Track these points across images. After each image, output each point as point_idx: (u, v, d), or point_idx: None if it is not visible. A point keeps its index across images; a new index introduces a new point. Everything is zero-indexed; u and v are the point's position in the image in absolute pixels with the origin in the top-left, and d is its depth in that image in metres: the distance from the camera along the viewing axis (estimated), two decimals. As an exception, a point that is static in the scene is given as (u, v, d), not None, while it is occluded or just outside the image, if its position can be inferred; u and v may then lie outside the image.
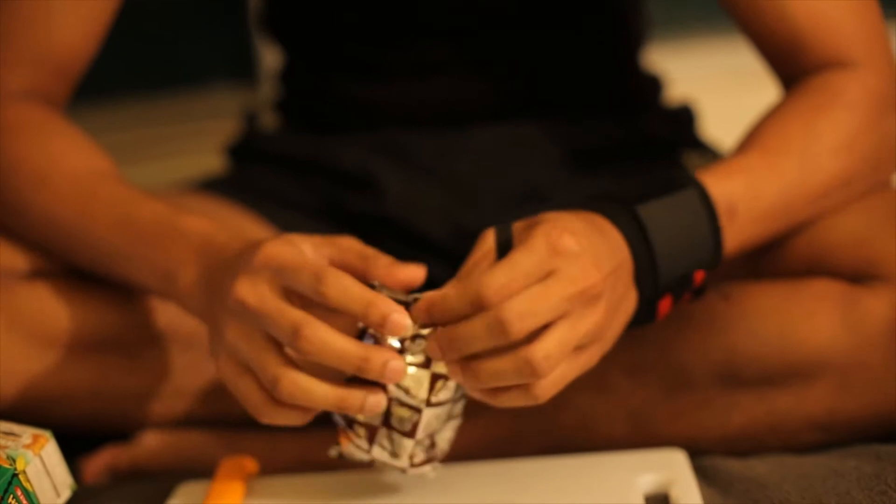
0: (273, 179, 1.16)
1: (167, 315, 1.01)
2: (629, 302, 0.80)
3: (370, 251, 0.83)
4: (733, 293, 0.92)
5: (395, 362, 0.75)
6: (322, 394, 0.76)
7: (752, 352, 0.89)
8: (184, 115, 1.82)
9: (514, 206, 1.09)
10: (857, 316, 0.88)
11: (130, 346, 1.00)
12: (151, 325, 1.01)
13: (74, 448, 1.01)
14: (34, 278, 0.98)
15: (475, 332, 0.73)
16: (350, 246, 0.84)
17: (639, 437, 0.93)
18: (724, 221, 0.85)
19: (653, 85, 1.20)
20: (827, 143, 0.91)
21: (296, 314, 0.76)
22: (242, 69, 1.84)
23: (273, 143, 1.19)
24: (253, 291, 0.77)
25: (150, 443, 1.05)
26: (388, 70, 1.14)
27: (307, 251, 0.82)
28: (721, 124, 1.25)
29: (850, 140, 0.92)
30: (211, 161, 1.36)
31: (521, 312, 0.72)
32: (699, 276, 0.85)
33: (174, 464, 1.03)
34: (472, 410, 0.87)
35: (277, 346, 0.78)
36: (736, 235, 0.87)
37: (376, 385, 0.77)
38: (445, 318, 0.74)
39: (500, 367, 0.73)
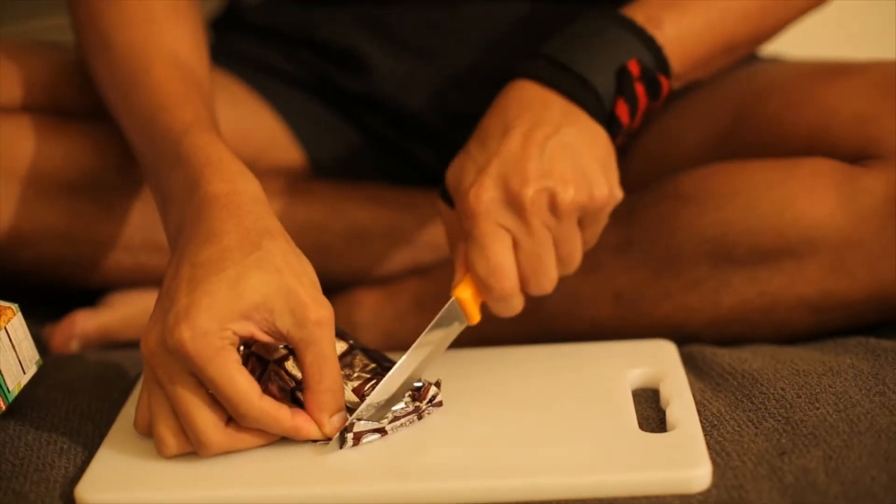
0: (259, 50, 1.12)
1: None
2: (575, 133, 0.80)
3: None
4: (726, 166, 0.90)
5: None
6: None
7: (746, 227, 0.87)
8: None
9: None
10: (854, 193, 0.86)
11: (104, 191, 0.98)
12: (128, 171, 0.98)
13: (42, 319, 0.99)
14: (14, 113, 0.94)
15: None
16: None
17: (625, 319, 0.92)
18: (644, 22, 0.85)
19: None
20: None
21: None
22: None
23: (258, 14, 1.14)
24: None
25: (119, 306, 1.02)
26: None
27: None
28: None
29: None
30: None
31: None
32: (633, 66, 0.83)
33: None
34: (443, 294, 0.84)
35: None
36: (672, 38, 0.85)
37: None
38: None
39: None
